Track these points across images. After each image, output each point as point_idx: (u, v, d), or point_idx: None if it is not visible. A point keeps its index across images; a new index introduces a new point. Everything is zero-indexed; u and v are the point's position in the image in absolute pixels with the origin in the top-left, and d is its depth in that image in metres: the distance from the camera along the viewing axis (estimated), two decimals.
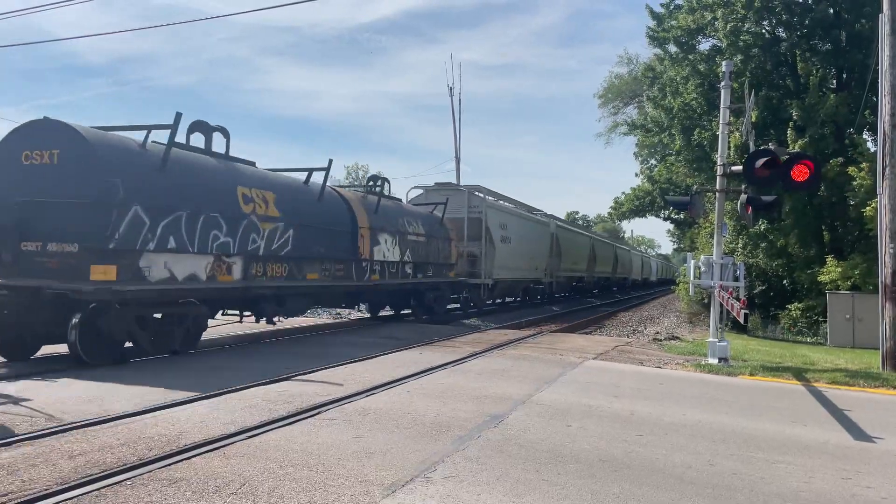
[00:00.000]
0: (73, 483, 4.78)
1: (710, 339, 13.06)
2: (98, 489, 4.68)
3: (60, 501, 4.45)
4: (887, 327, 12.40)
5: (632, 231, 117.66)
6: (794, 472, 5.78)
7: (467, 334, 16.31)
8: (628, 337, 18.91)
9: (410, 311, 20.93)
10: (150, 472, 5.07)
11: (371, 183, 19.53)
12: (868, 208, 18.38)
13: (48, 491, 4.60)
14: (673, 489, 5.17)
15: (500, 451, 5.98)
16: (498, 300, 29.77)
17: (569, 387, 9.51)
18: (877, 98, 13.36)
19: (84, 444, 5.75)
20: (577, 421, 7.31)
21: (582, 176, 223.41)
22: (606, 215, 73.56)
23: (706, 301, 21.26)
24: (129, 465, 5.19)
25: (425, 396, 8.32)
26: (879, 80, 13.01)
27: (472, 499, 4.77)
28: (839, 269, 20.04)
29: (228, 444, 5.86)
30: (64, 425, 6.28)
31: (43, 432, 6.03)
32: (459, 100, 44.00)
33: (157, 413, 6.93)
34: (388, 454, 5.75)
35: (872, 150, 19.54)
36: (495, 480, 5.19)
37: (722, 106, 13.73)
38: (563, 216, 60.85)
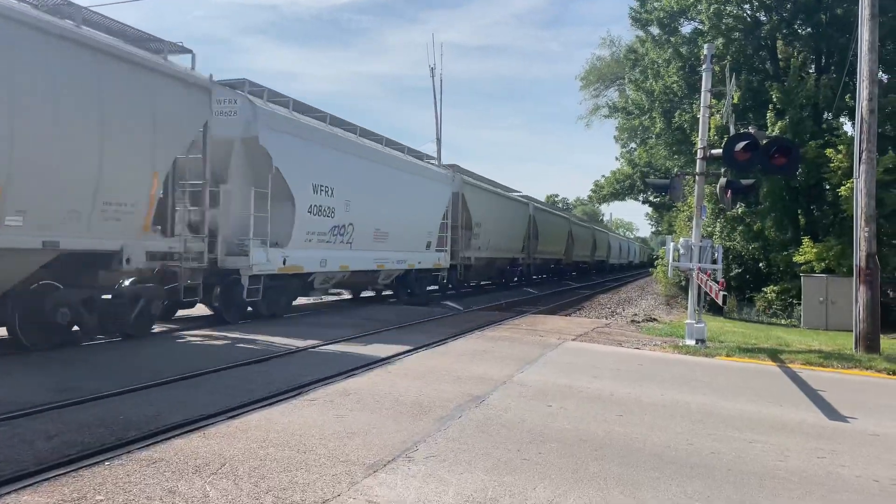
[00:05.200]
0: (51, 463, 4.71)
1: (688, 321, 13.19)
2: (76, 469, 4.62)
3: (37, 482, 4.39)
4: (861, 309, 12.61)
5: (611, 214, 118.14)
6: (770, 452, 5.87)
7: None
8: (607, 319, 19.06)
9: None
10: (129, 452, 5.02)
11: None
12: (843, 188, 18.61)
13: (25, 471, 4.53)
14: (652, 468, 5.23)
15: (481, 431, 6.00)
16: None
17: (549, 367, 9.57)
18: (855, 82, 13.48)
19: (61, 424, 5.68)
20: (557, 401, 7.36)
21: (563, 159, 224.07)
22: (587, 198, 73.87)
23: (683, 284, 21.46)
24: (108, 446, 5.13)
25: (407, 377, 8.33)
26: (858, 65, 13.11)
27: (453, 478, 4.78)
28: (814, 251, 20.31)
29: (209, 425, 5.81)
30: (40, 406, 6.19)
31: (18, 413, 5.93)
32: (441, 81, 43.51)
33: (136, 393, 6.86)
34: (370, 434, 5.75)
35: (850, 133, 19.75)
36: (477, 460, 5.21)
37: (703, 89, 13.77)
38: (542, 199, 60.76)
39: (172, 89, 10.73)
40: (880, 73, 20.19)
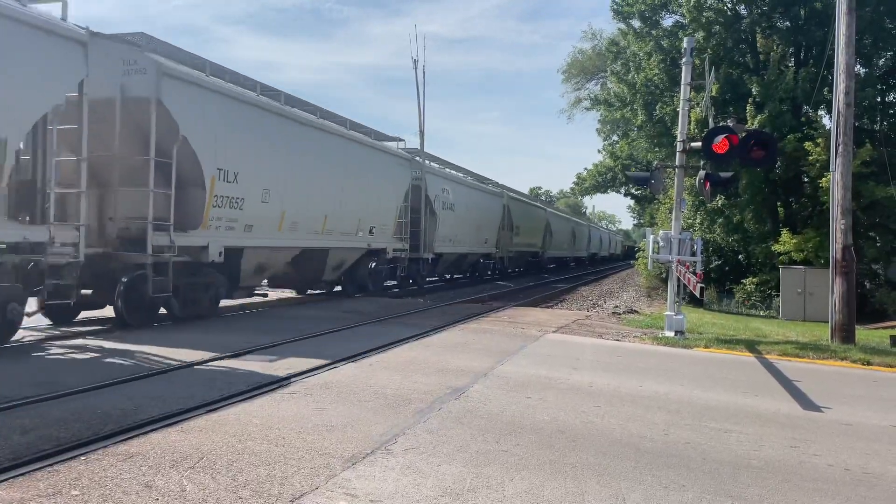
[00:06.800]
0: (26, 458, 4.67)
1: (668, 313, 13.30)
2: (51, 464, 4.58)
3: (12, 477, 4.35)
4: (837, 301, 12.79)
5: (593, 207, 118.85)
6: (745, 441, 5.95)
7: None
8: (588, 311, 19.18)
9: None
10: (106, 446, 4.98)
11: None
12: (823, 180, 18.83)
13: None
14: (629, 459, 5.28)
15: (460, 423, 6.03)
16: None
17: (529, 359, 9.61)
18: (833, 76, 13.61)
19: (37, 419, 5.63)
20: (536, 393, 7.41)
21: (545, 152, 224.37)
22: (569, 191, 74.18)
23: (664, 276, 21.63)
24: (84, 440, 5.09)
25: (387, 370, 8.34)
26: (835, 59, 13.25)
27: (432, 470, 4.80)
28: (793, 242, 20.56)
29: (187, 419, 5.79)
30: (16, 400, 6.13)
31: None
32: (423, 73, 43.14)
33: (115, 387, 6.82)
34: (349, 427, 5.75)
35: (828, 126, 19.96)
36: (456, 452, 5.23)
37: (683, 82, 13.85)
38: (526, 192, 60.83)
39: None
40: (857, 66, 20.45)
